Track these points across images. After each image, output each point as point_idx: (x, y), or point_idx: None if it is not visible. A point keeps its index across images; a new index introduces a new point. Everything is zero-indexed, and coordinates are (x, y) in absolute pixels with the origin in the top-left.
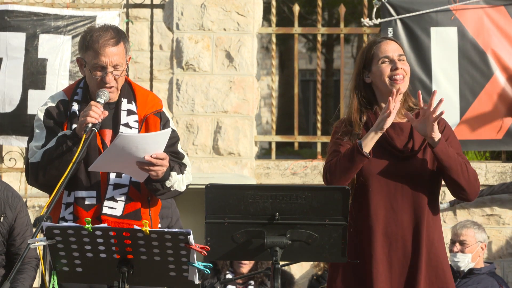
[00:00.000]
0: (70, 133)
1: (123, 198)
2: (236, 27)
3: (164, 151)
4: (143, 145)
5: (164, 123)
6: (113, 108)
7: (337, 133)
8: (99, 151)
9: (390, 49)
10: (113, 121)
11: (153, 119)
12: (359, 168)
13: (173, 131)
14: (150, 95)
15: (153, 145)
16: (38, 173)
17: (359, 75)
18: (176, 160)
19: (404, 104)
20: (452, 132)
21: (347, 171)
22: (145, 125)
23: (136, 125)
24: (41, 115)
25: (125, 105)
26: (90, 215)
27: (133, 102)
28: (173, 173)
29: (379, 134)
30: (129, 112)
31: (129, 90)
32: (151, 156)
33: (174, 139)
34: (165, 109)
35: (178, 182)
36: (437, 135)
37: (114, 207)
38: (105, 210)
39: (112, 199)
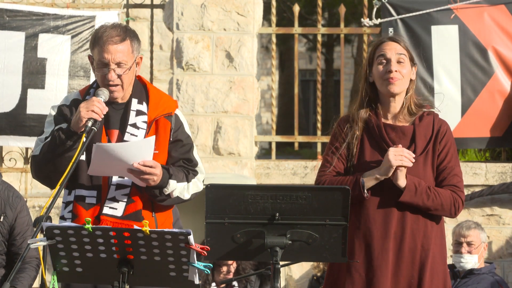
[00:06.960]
0: (65, 126)
1: (124, 198)
2: (236, 27)
3: (178, 158)
4: (127, 154)
5: (177, 129)
6: (122, 109)
7: (335, 137)
8: None
9: (388, 49)
10: (121, 121)
11: (164, 123)
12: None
13: (187, 137)
14: (164, 98)
15: (138, 153)
16: (36, 166)
17: (365, 74)
18: (188, 167)
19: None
20: (451, 139)
21: None
22: (154, 127)
23: (144, 125)
24: (53, 112)
25: (135, 105)
26: (89, 214)
27: (144, 103)
28: (172, 181)
29: (382, 178)
30: (138, 113)
31: (142, 91)
32: (138, 164)
33: (188, 146)
34: (179, 112)
35: (180, 189)
36: (401, 183)
37: (115, 208)
38: (105, 210)
39: (114, 199)
